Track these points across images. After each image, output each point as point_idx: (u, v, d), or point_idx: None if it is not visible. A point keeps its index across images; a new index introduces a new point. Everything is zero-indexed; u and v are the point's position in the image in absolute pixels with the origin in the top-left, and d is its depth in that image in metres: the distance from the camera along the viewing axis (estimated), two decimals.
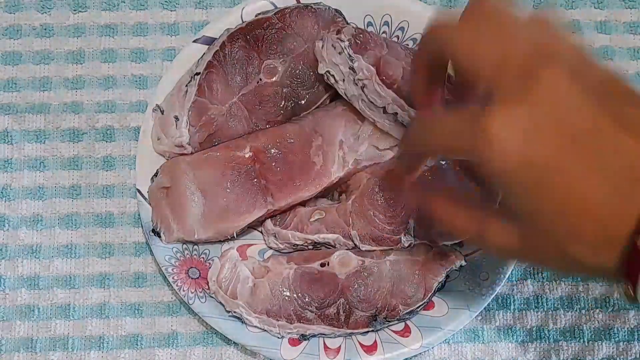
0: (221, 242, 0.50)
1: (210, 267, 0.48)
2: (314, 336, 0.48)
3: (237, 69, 0.50)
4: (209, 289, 0.48)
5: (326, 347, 0.48)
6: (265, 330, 0.48)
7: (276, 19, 0.51)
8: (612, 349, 0.50)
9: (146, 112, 0.51)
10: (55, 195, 0.52)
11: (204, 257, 0.49)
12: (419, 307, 0.48)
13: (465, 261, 0.48)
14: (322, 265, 0.49)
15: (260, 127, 0.50)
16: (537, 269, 0.51)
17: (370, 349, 0.47)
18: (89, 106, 0.54)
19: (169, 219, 0.48)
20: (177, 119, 0.49)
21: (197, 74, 0.49)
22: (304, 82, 0.51)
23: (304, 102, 0.51)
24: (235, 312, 0.47)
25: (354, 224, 0.49)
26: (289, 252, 0.50)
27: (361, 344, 0.48)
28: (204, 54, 0.50)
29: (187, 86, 0.50)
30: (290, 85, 0.51)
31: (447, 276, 0.48)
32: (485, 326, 0.50)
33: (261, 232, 0.51)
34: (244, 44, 0.51)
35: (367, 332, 0.48)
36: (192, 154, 0.50)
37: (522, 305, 0.51)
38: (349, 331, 0.48)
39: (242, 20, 0.52)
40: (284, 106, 0.51)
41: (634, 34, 0.56)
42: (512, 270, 0.49)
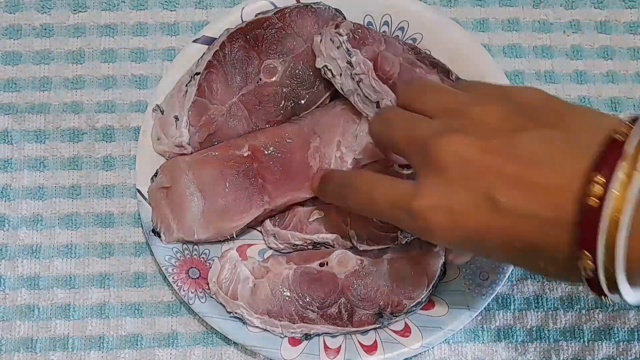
0: (221, 242, 0.50)
1: (210, 268, 0.48)
2: (318, 335, 0.48)
3: (237, 68, 0.50)
4: (209, 289, 0.48)
5: (326, 347, 0.48)
6: (267, 330, 0.48)
7: (276, 19, 0.51)
8: (612, 349, 0.50)
9: (146, 112, 0.51)
10: (55, 195, 0.52)
11: (204, 257, 0.49)
12: (425, 297, 0.48)
13: None
14: (321, 265, 0.49)
15: (260, 127, 0.50)
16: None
17: (370, 349, 0.47)
18: (89, 106, 0.54)
19: (169, 219, 0.48)
20: (177, 119, 0.49)
21: (197, 74, 0.49)
22: (304, 82, 0.51)
23: (303, 102, 0.51)
24: (236, 313, 0.47)
25: (352, 223, 0.49)
26: (288, 252, 0.50)
27: (361, 344, 0.48)
28: (204, 54, 0.50)
29: (187, 86, 0.50)
30: (290, 85, 0.51)
31: (444, 263, 0.48)
32: (485, 326, 0.50)
33: (261, 232, 0.51)
34: (244, 44, 0.51)
35: (375, 329, 0.48)
36: (192, 153, 0.50)
37: (522, 305, 0.51)
38: (354, 329, 0.48)
39: (242, 20, 0.52)
40: (283, 106, 0.51)
41: (634, 34, 0.56)
42: (512, 270, 0.49)
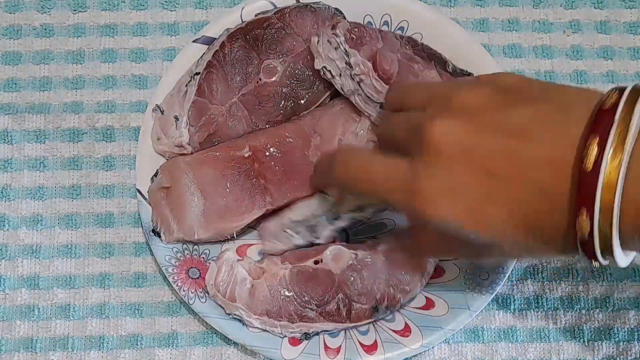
0: (221, 242, 0.50)
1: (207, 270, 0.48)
2: (317, 334, 0.48)
3: (237, 68, 0.50)
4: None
5: (326, 346, 0.48)
6: (267, 330, 0.48)
7: (276, 19, 0.51)
8: (612, 349, 0.50)
9: (146, 112, 0.51)
10: (55, 195, 0.52)
11: (204, 257, 0.49)
12: (418, 291, 0.48)
13: None
14: (316, 262, 0.48)
15: (260, 127, 0.50)
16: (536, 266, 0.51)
17: (370, 349, 0.47)
18: (89, 106, 0.54)
19: (169, 219, 0.48)
20: (177, 119, 0.49)
21: (197, 74, 0.49)
22: (304, 82, 0.51)
23: (303, 101, 0.51)
24: (235, 314, 0.47)
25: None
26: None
27: (361, 344, 0.48)
28: (204, 54, 0.50)
29: (187, 86, 0.50)
30: (289, 85, 0.51)
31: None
32: (485, 326, 0.50)
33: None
34: (244, 44, 0.50)
35: (370, 322, 0.48)
36: (192, 153, 0.50)
37: (522, 305, 0.51)
38: (352, 325, 0.48)
39: (241, 20, 0.52)
40: (283, 106, 0.51)
41: (634, 34, 0.56)
42: (512, 270, 0.49)
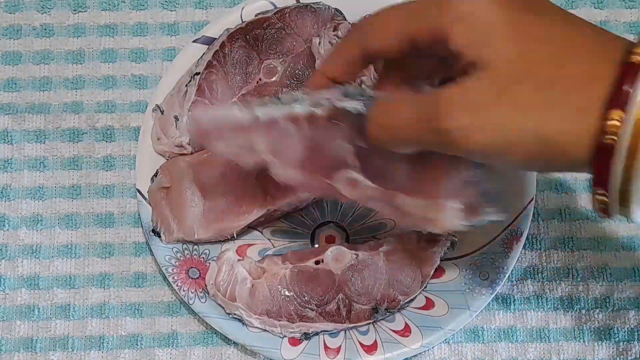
0: (221, 242, 0.50)
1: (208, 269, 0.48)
2: (317, 334, 0.48)
3: (237, 69, 0.50)
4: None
5: (326, 346, 0.48)
6: (266, 330, 0.48)
7: (276, 19, 0.51)
8: (612, 349, 0.50)
9: (146, 112, 0.51)
10: (55, 195, 0.52)
11: (204, 257, 0.49)
12: (418, 294, 0.48)
13: (455, 237, 0.48)
14: (317, 262, 0.48)
15: None
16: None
17: (370, 349, 0.47)
18: (89, 106, 0.54)
19: (169, 219, 0.48)
20: (177, 119, 0.49)
21: (197, 74, 0.49)
22: (304, 82, 0.51)
23: None
24: (235, 314, 0.47)
25: None
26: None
27: (361, 344, 0.48)
28: (204, 54, 0.50)
29: (187, 86, 0.50)
30: (290, 85, 0.51)
31: (441, 259, 0.48)
32: (485, 326, 0.50)
33: (261, 232, 0.51)
34: (244, 44, 0.51)
35: (369, 323, 0.48)
36: (192, 153, 0.50)
37: (522, 305, 0.51)
38: (352, 325, 0.48)
39: (241, 20, 0.52)
40: None
41: (634, 34, 0.56)
42: (512, 270, 0.49)
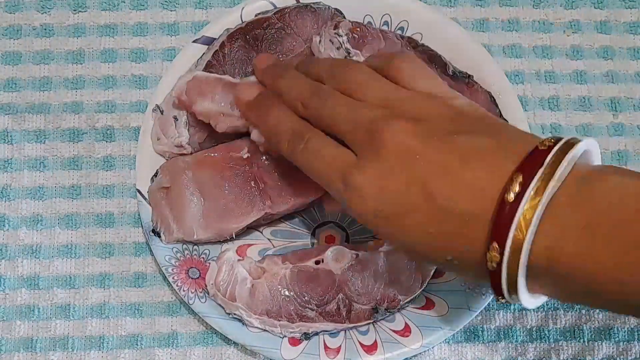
0: (221, 242, 0.50)
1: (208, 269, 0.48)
2: (317, 334, 0.48)
3: (237, 69, 0.50)
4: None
5: (326, 346, 0.48)
6: (266, 330, 0.48)
7: (276, 19, 0.51)
8: (612, 349, 0.50)
9: (146, 112, 0.51)
10: (55, 195, 0.52)
11: (204, 257, 0.49)
12: (418, 294, 0.48)
13: None
14: (317, 262, 0.48)
15: None
16: None
17: (370, 349, 0.47)
18: (89, 106, 0.54)
19: (169, 219, 0.48)
20: (176, 119, 0.49)
21: None
22: None
23: None
24: (235, 314, 0.47)
25: None
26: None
27: (361, 344, 0.48)
28: (204, 54, 0.50)
29: None
30: None
31: None
32: (485, 326, 0.50)
33: (261, 232, 0.51)
34: (244, 44, 0.50)
35: (369, 323, 0.48)
36: (191, 154, 0.50)
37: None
38: (351, 325, 0.48)
39: (241, 20, 0.52)
40: None
41: (634, 34, 0.56)
42: None
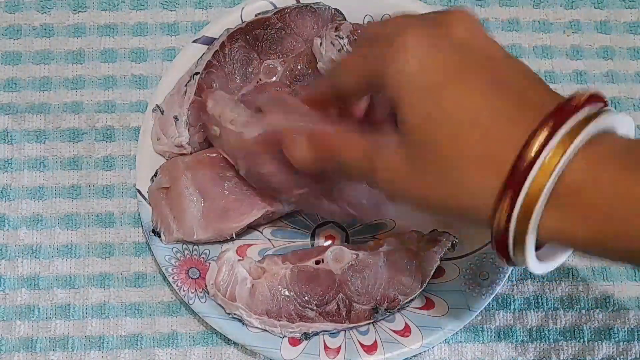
0: (221, 242, 0.50)
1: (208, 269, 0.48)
2: (317, 334, 0.48)
3: (237, 69, 0.50)
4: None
5: (326, 347, 0.48)
6: (266, 330, 0.48)
7: (276, 19, 0.51)
8: (612, 349, 0.50)
9: (146, 112, 0.51)
10: (55, 195, 0.52)
11: (204, 257, 0.49)
12: (418, 294, 0.48)
13: (456, 238, 0.48)
14: (317, 262, 0.48)
15: None
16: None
17: (370, 349, 0.47)
18: (89, 106, 0.54)
19: (169, 219, 0.48)
20: (176, 119, 0.49)
21: (197, 73, 0.49)
22: (304, 82, 0.51)
23: None
24: (235, 314, 0.47)
25: None
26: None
27: (361, 344, 0.48)
28: (204, 54, 0.50)
29: (186, 86, 0.50)
30: (290, 85, 0.51)
31: (441, 259, 0.48)
32: (485, 326, 0.50)
33: (261, 232, 0.51)
34: (244, 44, 0.51)
35: (369, 323, 0.48)
36: (191, 154, 0.50)
37: (522, 305, 0.51)
38: (352, 325, 0.48)
39: (242, 20, 0.52)
40: None
41: (634, 34, 0.56)
42: (512, 270, 0.49)
